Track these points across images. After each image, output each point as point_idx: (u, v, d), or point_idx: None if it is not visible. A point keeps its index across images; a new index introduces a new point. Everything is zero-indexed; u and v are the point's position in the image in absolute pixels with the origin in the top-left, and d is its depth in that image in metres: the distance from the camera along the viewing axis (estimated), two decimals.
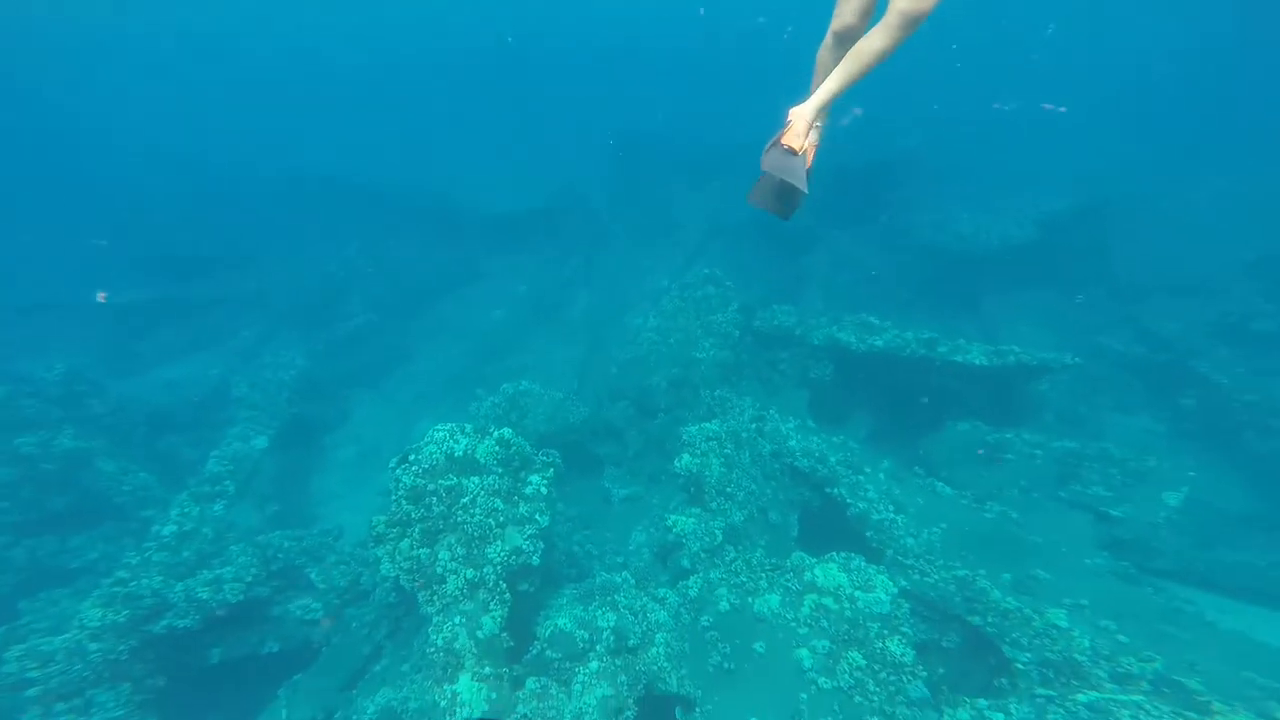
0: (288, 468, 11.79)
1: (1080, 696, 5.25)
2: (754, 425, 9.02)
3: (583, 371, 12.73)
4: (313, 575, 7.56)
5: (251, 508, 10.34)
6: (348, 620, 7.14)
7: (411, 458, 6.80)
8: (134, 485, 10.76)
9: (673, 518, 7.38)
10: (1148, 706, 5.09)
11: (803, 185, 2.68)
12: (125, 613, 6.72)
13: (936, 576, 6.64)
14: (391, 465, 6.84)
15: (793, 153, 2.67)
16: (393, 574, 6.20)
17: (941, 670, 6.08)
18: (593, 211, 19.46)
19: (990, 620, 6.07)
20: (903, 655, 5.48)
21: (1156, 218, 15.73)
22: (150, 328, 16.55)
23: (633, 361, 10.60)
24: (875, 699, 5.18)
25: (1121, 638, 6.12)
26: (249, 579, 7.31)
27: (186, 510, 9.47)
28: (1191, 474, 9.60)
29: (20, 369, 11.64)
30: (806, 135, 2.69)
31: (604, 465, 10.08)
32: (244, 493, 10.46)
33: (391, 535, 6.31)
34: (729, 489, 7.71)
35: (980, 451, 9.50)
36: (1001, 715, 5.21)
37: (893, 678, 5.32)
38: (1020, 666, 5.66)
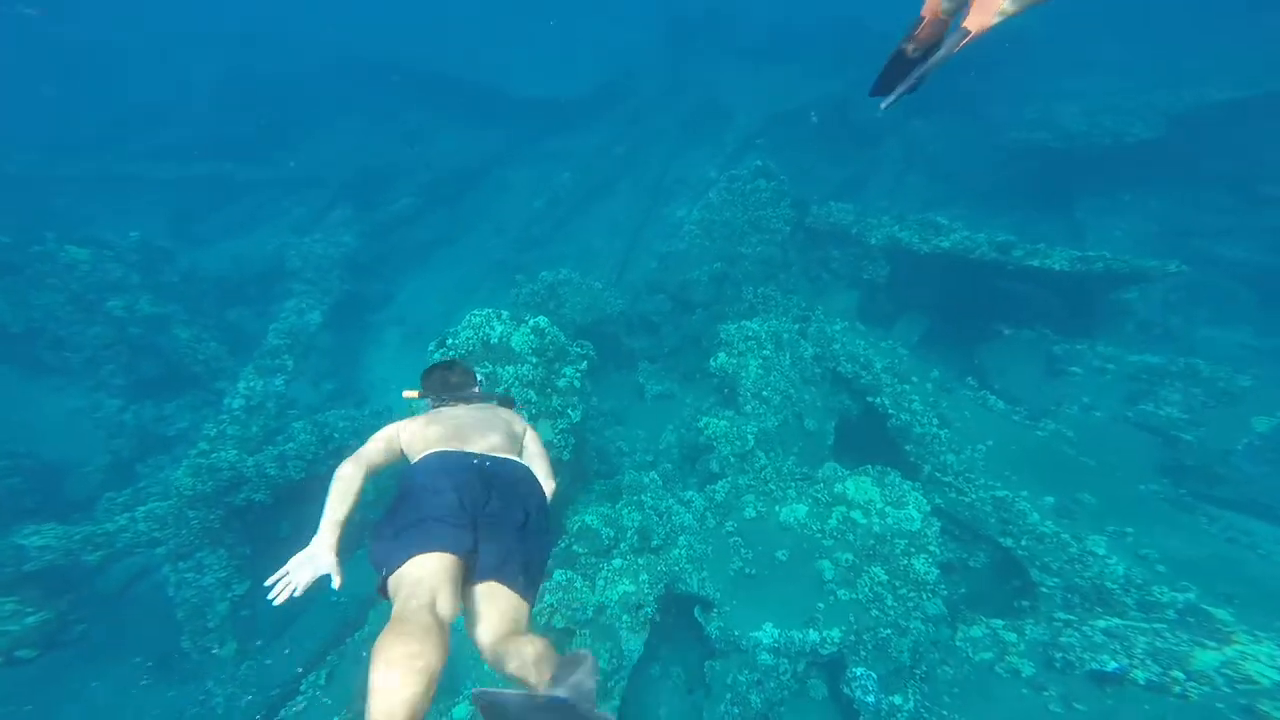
0: (340, 345, 12.32)
1: (1100, 622, 5.20)
2: (797, 326, 8.62)
3: (623, 263, 12.35)
4: None
5: (308, 384, 10.98)
6: None
7: (449, 342, 6.84)
8: (207, 355, 11.49)
9: (705, 419, 7.33)
10: (1166, 634, 5.04)
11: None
12: (210, 484, 7.37)
13: (974, 496, 6.47)
14: (430, 349, 6.92)
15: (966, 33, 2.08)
16: None
17: (963, 589, 6.13)
18: (641, 99, 18.16)
19: (1024, 543, 5.95)
20: (926, 573, 5.48)
21: None
22: (210, 203, 17.04)
23: (674, 255, 10.10)
24: (891, 613, 5.28)
25: (1160, 567, 5.93)
26: (310, 456, 7.87)
27: (252, 384, 10.11)
28: None
29: (97, 235, 12.18)
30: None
31: (638, 360, 10.03)
32: (301, 369, 11.07)
33: None
34: (765, 392, 7.54)
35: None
36: (1015, 635, 5.25)
37: (912, 594, 5.37)
38: (1045, 590, 5.62)
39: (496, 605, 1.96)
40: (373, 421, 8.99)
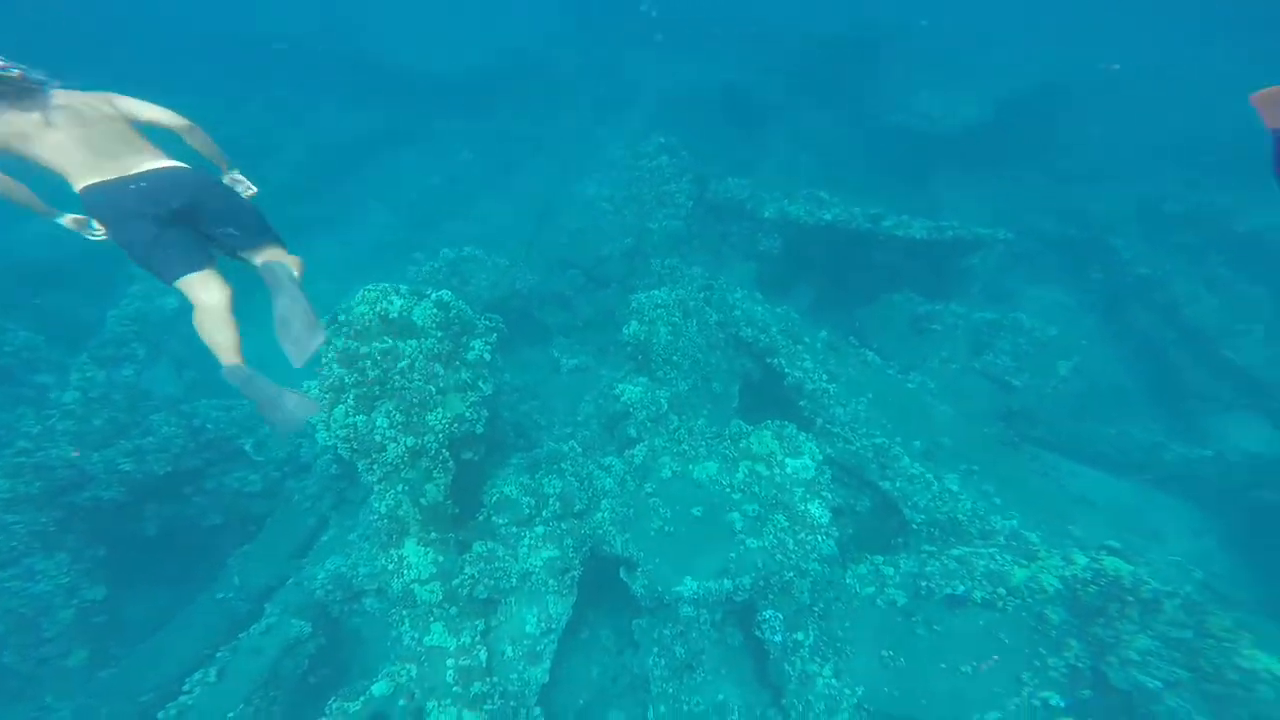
0: None
1: (954, 551, 6.11)
2: (702, 295, 8.97)
3: (532, 240, 12.09)
4: (247, 447, 7.36)
5: (168, 373, 9.70)
6: (290, 493, 7.12)
7: (341, 318, 6.35)
8: (15, 345, 9.76)
9: (621, 386, 7.49)
10: (997, 556, 5.99)
11: None
12: (38, 484, 6.45)
13: (859, 444, 7.21)
14: (323, 322, 6.39)
15: None
16: (330, 443, 6.04)
17: (851, 530, 6.87)
18: (546, 74, 17.59)
19: (898, 485, 6.78)
20: (820, 517, 6.08)
21: (1102, 103, 15.86)
22: (19, 174, 14.21)
23: (585, 230, 10.07)
24: (792, 556, 5.82)
25: (996, 499, 7.09)
26: (175, 450, 7.04)
27: (89, 375, 8.76)
28: (1084, 343, 10.57)
29: None
30: None
31: (553, 335, 9.94)
32: (156, 356, 9.75)
33: (325, 401, 6.06)
34: (675, 358, 7.81)
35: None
36: (892, 569, 6.01)
37: (809, 538, 5.95)
38: (915, 526, 6.46)
39: (260, 251, 2.98)
40: (250, 410, 8.18)
